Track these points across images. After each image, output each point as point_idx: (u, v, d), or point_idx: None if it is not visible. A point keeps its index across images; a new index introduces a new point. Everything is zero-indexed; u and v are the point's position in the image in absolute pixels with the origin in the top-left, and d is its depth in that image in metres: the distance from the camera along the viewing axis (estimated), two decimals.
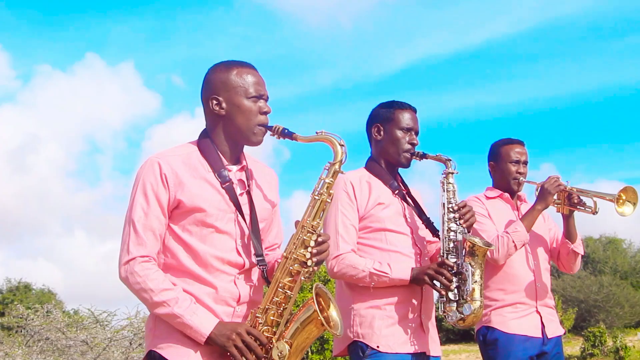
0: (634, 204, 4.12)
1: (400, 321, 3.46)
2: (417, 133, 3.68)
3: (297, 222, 2.78)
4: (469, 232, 3.57)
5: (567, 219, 4.33)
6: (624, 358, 15.17)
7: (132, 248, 2.70)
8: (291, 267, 2.72)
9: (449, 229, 3.52)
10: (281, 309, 2.72)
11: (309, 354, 16.74)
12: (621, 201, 4.11)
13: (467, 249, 3.52)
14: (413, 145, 3.65)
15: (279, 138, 2.84)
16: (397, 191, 3.64)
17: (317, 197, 2.78)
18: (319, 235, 2.75)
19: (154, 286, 2.65)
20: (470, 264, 3.48)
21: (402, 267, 3.46)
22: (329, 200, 2.79)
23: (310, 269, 2.72)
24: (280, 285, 2.71)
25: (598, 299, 22.34)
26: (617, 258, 28.70)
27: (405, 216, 3.61)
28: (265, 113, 2.85)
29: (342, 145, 2.80)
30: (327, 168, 2.80)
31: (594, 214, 4.23)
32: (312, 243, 2.72)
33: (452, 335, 23.34)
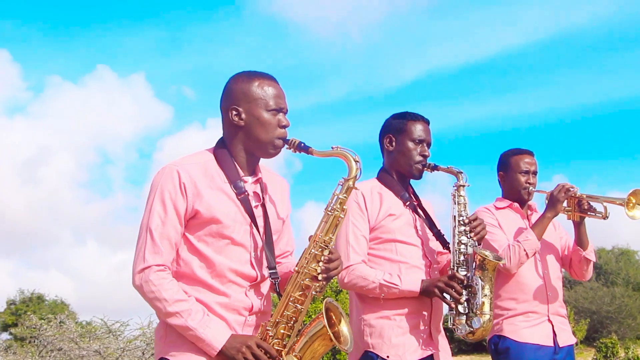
0: None
1: (410, 331, 3.48)
2: (429, 145, 3.69)
3: (310, 237, 2.78)
4: (479, 245, 3.59)
5: (578, 226, 4.32)
6: None
7: (148, 256, 2.70)
8: (302, 282, 2.73)
9: (460, 242, 3.54)
10: (291, 322, 2.73)
11: None
12: (631, 205, 4.07)
13: (478, 263, 3.53)
14: (424, 157, 3.66)
15: (295, 152, 2.84)
16: (408, 202, 3.65)
17: (330, 213, 2.78)
18: (330, 252, 2.75)
19: (168, 296, 2.66)
20: (480, 277, 3.50)
21: (412, 279, 3.47)
22: (342, 216, 2.79)
23: (321, 284, 2.73)
24: (291, 299, 2.72)
25: (610, 310, 22.23)
26: (630, 270, 28.55)
27: (415, 227, 3.63)
28: (284, 127, 2.85)
29: (357, 162, 2.81)
30: (341, 184, 2.81)
31: (604, 219, 4.22)
32: (324, 258, 2.73)
33: (463, 345, 23.27)
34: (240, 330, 2.76)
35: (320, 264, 2.73)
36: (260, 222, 2.85)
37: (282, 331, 2.71)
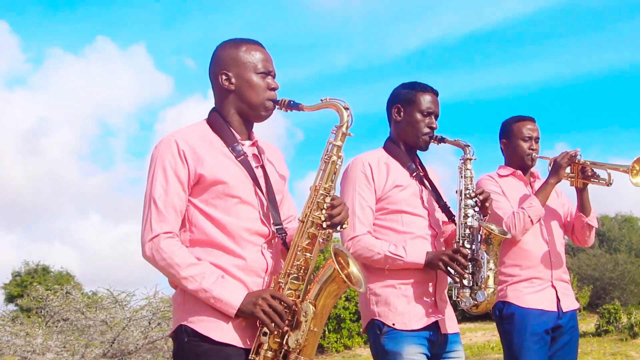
0: None
1: (415, 300, 3.50)
2: (437, 117, 3.69)
3: (311, 187, 2.81)
4: (485, 218, 3.61)
5: (581, 193, 4.35)
6: (638, 334, 15.16)
7: (155, 225, 2.72)
8: (308, 230, 2.76)
9: (466, 215, 3.55)
10: (302, 271, 2.76)
11: (326, 332, 16.84)
12: (635, 171, 4.08)
13: (483, 237, 3.56)
14: (432, 129, 3.66)
15: (286, 110, 2.89)
16: (414, 173, 3.66)
17: (327, 160, 2.81)
18: (332, 198, 2.78)
19: (181, 261, 2.68)
20: (485, 251, 3.52)
21: (417, 252, 3.49)
22: (340, 163, 2.82)
23: (327, 232, 2.77)
24: (299, 248, 2.75)
25: (613, 276, 22.26)
26: (633, 236, 28.57)
27: (422, 198, 3.63)
28: (274, 89, 2.90)
29: (347, 109, 2.83)
30: (334, 132, 2.83)
31: (608, 185, 4.23)
32: (326, 205, 2.77)
33: (468, 313, 23.36)
34: None
35: (324, 211, 2.76)
36: (262, 181, 2.89)
37: (294, 281, 2.74)
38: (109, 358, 8.84)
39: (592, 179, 4.27)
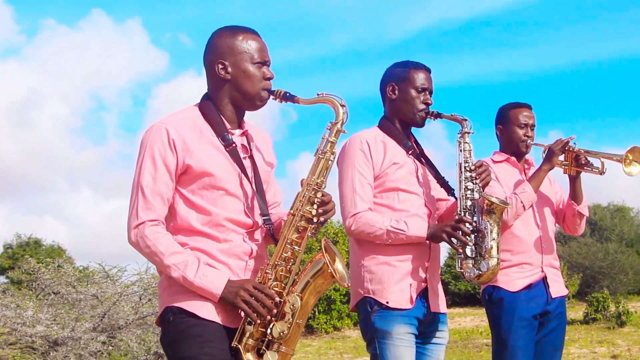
0: None
1: (408, 278, 3.52)
2: (431, 93, 3.71)
3: (302, 181, 2.84)
4: (483, 190, 3.62)
5: (574, 181, 4.37)
6: (625, 323, 15.27)
7: (141, 212, 2.76)
8: (298, 224, 2.79)
9: (466, 188, 3.57)
10: (290, 264, 2.79)
11: (316, 313, 16.90)
12: (628, 161, 4.11)
13: (485, 207, 3.57)
14: (427, 104, 3.67)
15: (282, 102, 2.90)
16: (411, 151, 3.68)
17: (321, 156, 2.84)
18: (323, 194, 2.81)
19: (164, 249, 2.73)
20: (488, 221, 3.54)
21: (419, 225, 3.51)
22: (333, 159, 2.85)
23: (316, 226, 2.80)
24: (288, 241, 2.79)
25: (603, 265, 22.40)
26: (624, 226, 28.71)
27: (417, 176, 3.65)
28: (269, 79, 2.91)
29: (343, 106, 2.85)
30: (329, 128, 2.85)
31: (601, 174, 4.26)
32: (317, 200, 2.79)
33: (457, 298, 23.49)
34: (242, 275, 2.84)
35: (315, 205, 2.78)
36: (249, 172, 2.92)
37: (280, 273, 2.78)
38: (99, 332, 8.86)
39: (585, 167, 4.29)
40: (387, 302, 3.47)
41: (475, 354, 12.56)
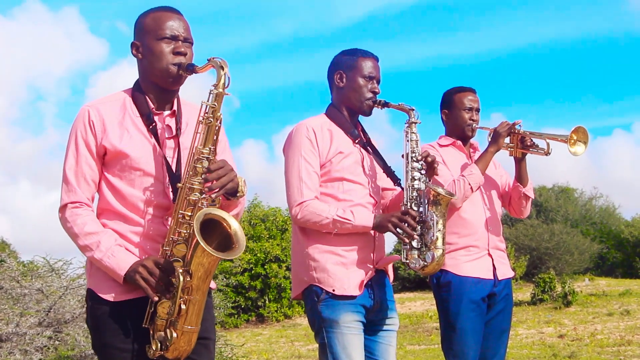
0: (585, 143, 4.19)
1: (354, 266, 3.51)
2: (379, 82, 3.70)
3: (189, 151, 2.80)
4: (429, 181, 3.62)
5: (519, 163, 4.41)
6: (571, 302, 15.54)
7: (64, 195, 2.84)
8: (188, 197, 2.74)
9: (413, 178, 3.56)
10: (187, 238, 2.73)
11: (266, 302, 16.87)
12: (573, 141, 4.17)
13: (431, 198, 3.57)
14: (375, 93, 3.66)
15: (185, 74, 2.88)
16: (357, 140, 3.66)
17: (202, 122, 2.77)
18: (210, 162, 2.75)
19: (79, 231, 2.79)
20: (434, 212, 3.54)
21: (365, 214, 3.50)
22: (219, 124, 2.78)
23: (210, 198, 2.73)
24: (180, 215, 2.74)
25: (549, 246, 22.72)
26: (569, 207, 29.20)
27: (363, 166, 3.64)
28: (180, 54, 2.88)
29: (222, 67, 2.78)
30: (211, 92, 2.79)
31: (546, 155, 4.32)
32: (204, 169, 2.74)
33: (407, 283, 23.65)
34: None
35: (204, 175, 2.73)
36: (170, 152, 2.90)
37: (180, 250, 2.73)
38: (45, 327, 8.68)
39: (531, 149, 4.34)
40: (333, 290, 3.45)
41: (425, 338, 12.67)
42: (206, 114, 2.77)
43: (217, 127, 2.77)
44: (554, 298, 16.29)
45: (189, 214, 2.74)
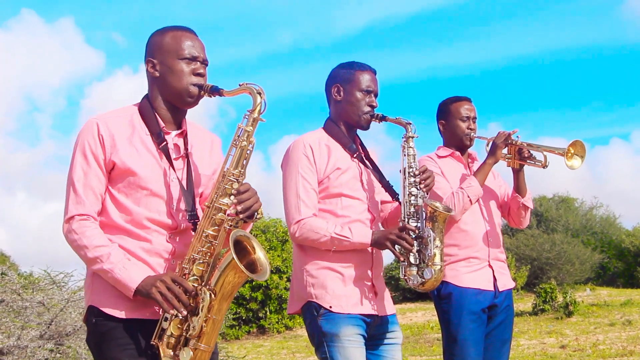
0: (582, 157, 4.20)
1: (352, 283, 3.50)
2: (376, 95, 3.69)
3: (219, 172, 2.82)
4: (427, 196, 3.61)
5: (518, 174, 4.42)
6: (572, 312, 15.52)
7: (72, 207, 2.80)
8: (214, 217, 2.75)
9: (410, 194, 3.55)
10: (207, 258, 2.75)
11: (268, 313, 16.85)
12: (570, 154, 4.18)
13: (428, 214, 3.57)
14: (372, 107, 3.65)
15: (210, 96, 2.90)
16: (355, 154, 3.65)
17: (236, 145, 2.80)
18: (240, 184, 2.77)
19: (88, 243, 2.75)
20: (431, 229, 3.53)
21: (363, 231, 3.48)
22: (251, 148, 2.81)
23: (234, 219, 2.75)
24: (204, 234, 2.75)
25: (550, 256, 22.70)
26: (569, 216, 29.15)
27: (362, 180, 3.63)
28: (199, 75, 2.90)
29: (260, 94, 2.82)
30: (246, 116, 2.82)
31: (543, 167, 4.32)
32: (234, 192, 2.76)
33: (408, 294, 23.61)
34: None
35: (232, 197, 2.75)
36: (180, 174, 2.91)
37: (199, 268, 2.74)
38: (46, 340, 8.68)
39: (528, 161, 4.35)
40: (331, 307, 3.44)
41: (427, 349, 12.66)
42: (240, 137, 2.79)
43: (249, 151, 2.80)
44: (555, 308, 16.28)
45: (214, 233, 2.75)
